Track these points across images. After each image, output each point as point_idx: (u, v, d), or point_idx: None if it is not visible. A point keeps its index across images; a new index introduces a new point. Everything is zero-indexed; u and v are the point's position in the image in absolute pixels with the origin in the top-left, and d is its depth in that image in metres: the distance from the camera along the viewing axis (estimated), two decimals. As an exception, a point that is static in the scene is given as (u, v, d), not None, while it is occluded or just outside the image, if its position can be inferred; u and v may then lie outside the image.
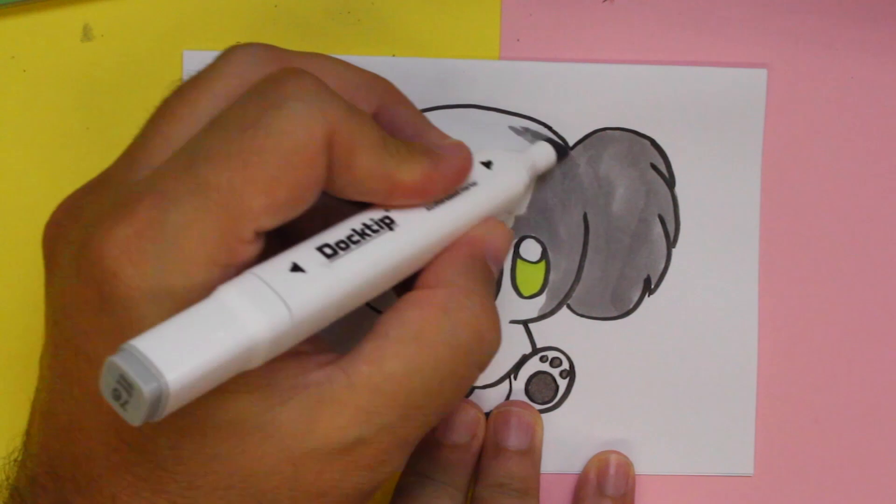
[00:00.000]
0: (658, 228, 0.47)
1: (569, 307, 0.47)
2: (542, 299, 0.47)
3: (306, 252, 0.33)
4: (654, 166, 0.47)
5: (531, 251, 0.47)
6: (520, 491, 0.45)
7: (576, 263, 0.47)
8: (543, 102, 0.47)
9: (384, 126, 0.37)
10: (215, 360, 0.29)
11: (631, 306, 0.47)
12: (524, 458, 0.46)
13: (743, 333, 0.47)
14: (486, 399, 0.47)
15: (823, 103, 0.48)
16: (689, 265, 0.47)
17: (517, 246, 0.47)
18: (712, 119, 0.47)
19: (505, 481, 0.46)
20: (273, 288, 0.31)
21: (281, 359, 0.33)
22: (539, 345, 0.47)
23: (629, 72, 0.47)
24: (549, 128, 0.47)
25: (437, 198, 0.37)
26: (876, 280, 0.48)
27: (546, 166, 0.45)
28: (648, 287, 0.47)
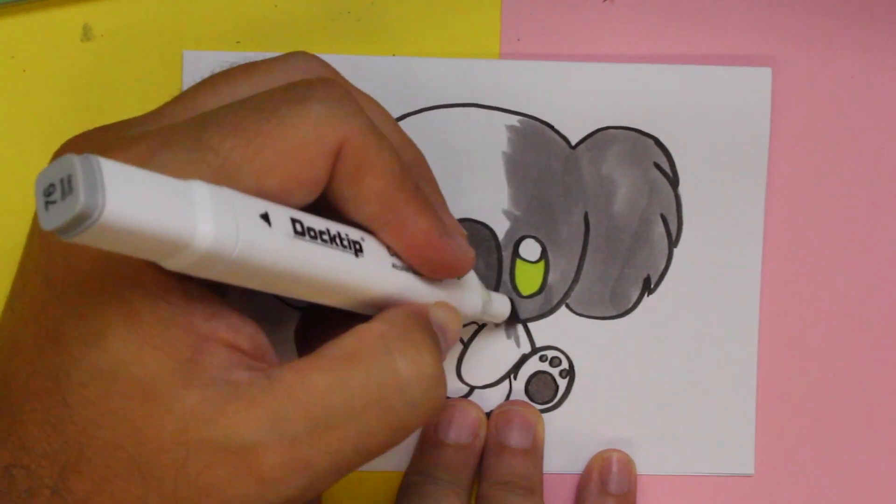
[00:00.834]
0: (660, 228, 0.47)
1: (568, 307, 0.47)
2: (542, 299, 0.47)
3: (281, 214, 0.33)
4: (658, 165, 0.47)
5: (531, 251, 0.47)
6: (525, 489, 0.45)
7: (575, 263, 0.47)
8: (544, 102, 0.47)
9: None
10: (151, 226, 0.28)
11: (630, 306, 0.47)
12: (527, 457, 0.46)
13: (743, 333, 0.47)
14: (487, 399, 0.47)
15: (828, 102, 0.47)
16: (691, 265, 0.47)
17: (517, 245, 0.47)
18: (716, 118, 0.47)
19: (510, 479, 0.46)
20: (238, 215, 0.31)
21: (215, 342, 0.32)
22: (539, 344, 0.47)
23: (632, 70, 0.47)
24: (552, 127, 0.47)
25: (422, 266, 0.37)
26: (878, 280, 0.48)
27: (495, 318, 0.45)
28: (648, 287, 0.47)
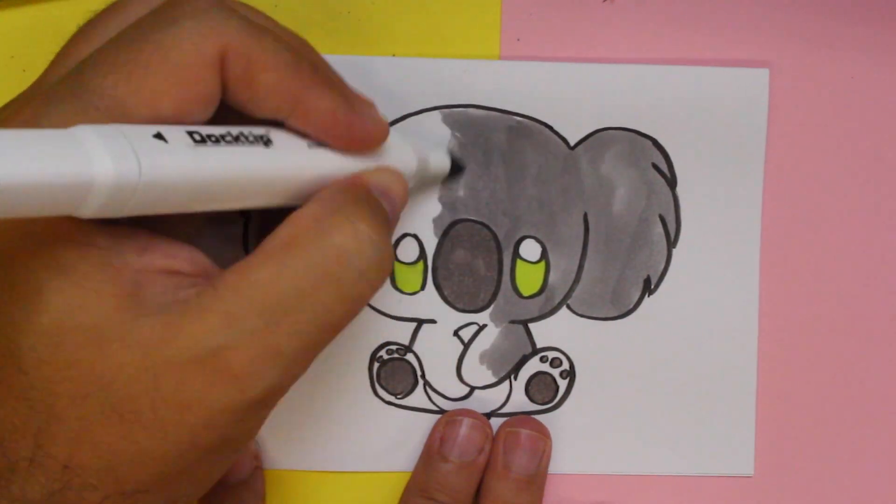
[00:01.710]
0: (659, 228, 0.47)
1: (569, 307, 0.47)
2: (542, 299, 0.47)
3: (175, 130, 0.32)
4: (656, 166, 0.47)
5: (531, 251, 0.47)
6: None
7: (576, 263, 0.47)
8: (544, 102, 0.47)
9: None
10: (46, 180, 0.28)
11: (631, 306, 0.47)
12: (531, 484, 0.46)
13: (743, 333, 0.47)
14: (487, 400, 0.47)
15: (825, 103, 0.47)
16: (690, 265, 0.47)
17: (517, 246, 0.47)
18: (714, 119, 0.47)
19: None
20: (131, 142, 0.30)
21: (154, 273, 0.33)
22: (539, 345, 0.47)
23: (630, 71, 0.47)
24: (550, 127, 0.47)
25: (336, 143, 0.37)
26: (877, 280, 0.48)
27: (436, 175, 0.45)
28: (648, 287, 0.47)
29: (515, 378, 0.47)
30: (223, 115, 0.35)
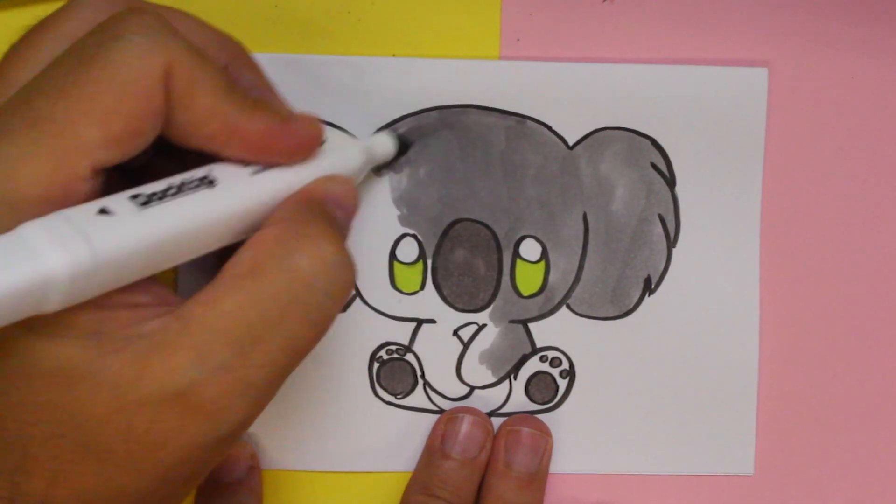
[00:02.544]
0: (658, 228, 0.47)
1: (568, 307, 0.47)
2: (542, 299, 0.47)
3: (117, 199, 0.32)
4: (655, 166, 0.47)
5: (531, 251, 0.47)
6: None
7: (575, 263, 0.47)
8: (543, 102, 0.47)
9: None
10: (1, 292, 0.28)
11: (631, 306, 0.47)
12: (532, 483, 0.46)
13: (744, 333, 0.47)
14: (487, 399, 0.47)
15: (824, 102, 0.48)
16: (690, 265, 0.47)
17: (517, 245, 0.47)
18: (713, 118, 0.47)
19: None
20: (77, 226, 0.30)
21: (115, 309, 0.32)
22: (539, 345, 0.47)
23: (629, 71, 0.47)
24: (549, 127, 0.47)
25: (279, 160, 0.37)
26: (877, 280, 0.48)
27: (384, 157, 0.45)
28: (648, 287, 0.47)
29: (515, 378, 0.47)
30: (160, 163, 0.35)
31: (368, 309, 0.47)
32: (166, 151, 0.37)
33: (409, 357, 0.47)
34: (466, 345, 0.47)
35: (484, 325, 0.47)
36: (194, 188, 0.34)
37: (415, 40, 0.47)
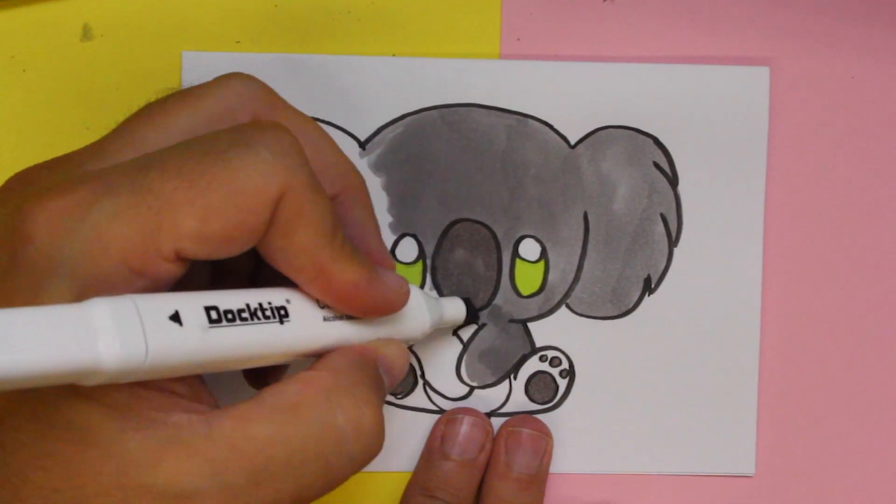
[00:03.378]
0: (660, 227, 0.47)
1: (568, 307, 0.47)
2: (542, 299, 0.47)
3: (193, 306, 0.32)
4: (657, 164, 0.47)
5: (530, 251, 0.47)
6: None
7: (575, 263, 0.47)
8: (544, 101, 0.47)
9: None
10: (50, 363, 0.28)
11: (631, 306, 0.47)
12: (532, 484, 0.46)
13: (745, 332, 0.47)
14: (487, 399, 0.47)
15: (826, 101, 0.47)
16: (691, 264, 0.47)
17: (516, 245, 0.47)
18: (715, 117, 0.47)
19: None
20: (143, 324, 0.30)
21: (149, 389, 0.32)
22: (539, 344, 0.47)
23: (631, 70, 0.47)
24: (550, 126, 0.47)
25: (355, 313, 0.37)
26: (878, 279, 0.48)
27: (453, 322, 0.45)
28: (648, 286, 0.47)
29: (515, 378, 0.47)
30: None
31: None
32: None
33: (409, 357, 0.47)
34: (466, 345, 0.47)
35: (484, 325, 0.47)
36: (266, 319, 0.34)
37: (415, 40, 0.47)
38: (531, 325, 0.47)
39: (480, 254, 0.47)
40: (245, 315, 0.34)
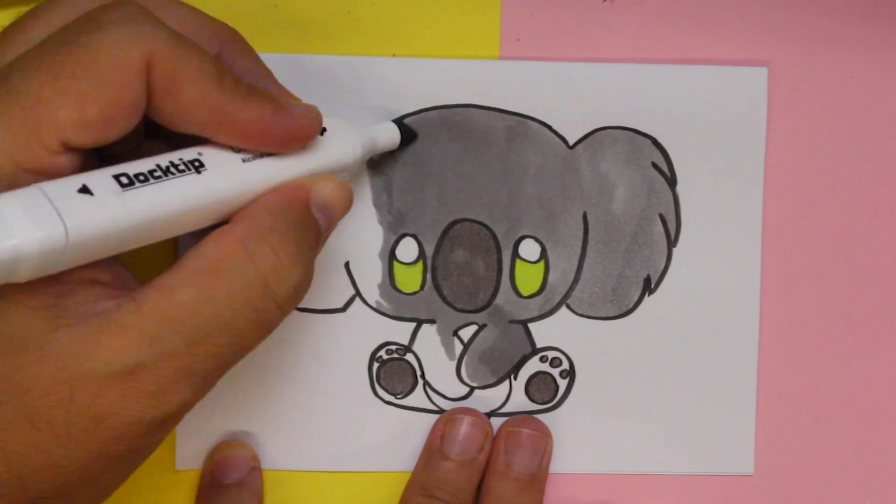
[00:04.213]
0: (659, 228, 0.47)
1: (568, 307, 0.47)
2: (542, 299, 0.47)
3: (100, 177, 0.32)
4: (656, 165, 0.47)
5: (530, 251, 0.47)
6: None
7: (575, 263, 0.47)
8: (544, 102, 0.47)
9: None
10: None
11: (631, 306, 0.47)
12: (531, 484, 0.46)
13: (744, 332, 0.47)
14: (487, 399, 0.47)
15: (825, 101, 0.47)
16: (691, 265, 0.47)
17: (516, 245, 0.47)
18: (714, 117, 0.47)
19: None
20: (54, 204, 0.30)
21: (73, 284, 0.33)
22: (539, 345, 0.47)
23: (630, 71, 0.47)
24: (549, 127, 0.47)
25: (271, 149, 0.37)
26: (878, 279, 0.48)
27: (387, 146, 0.45)
28: (648, 287, 0.47)
29: (515, 378, 0.47)
30: (153, 147, 0.35)
31: (368, 309, 0.47)
32: (160, 135, 0.37)
33: (409, 357, 0.47)
34: (466, 345, 0.47)
35: (484, 325, 0.47)
36: (181, 172, 0.34)
37: (415, 40, 0.47)
38: (531, 326, 0.47)
39: (480, 254, 0.47)
40: (158, 174, 0.33)
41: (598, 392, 0.47)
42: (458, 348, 0.47)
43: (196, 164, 0.35)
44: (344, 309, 0.47)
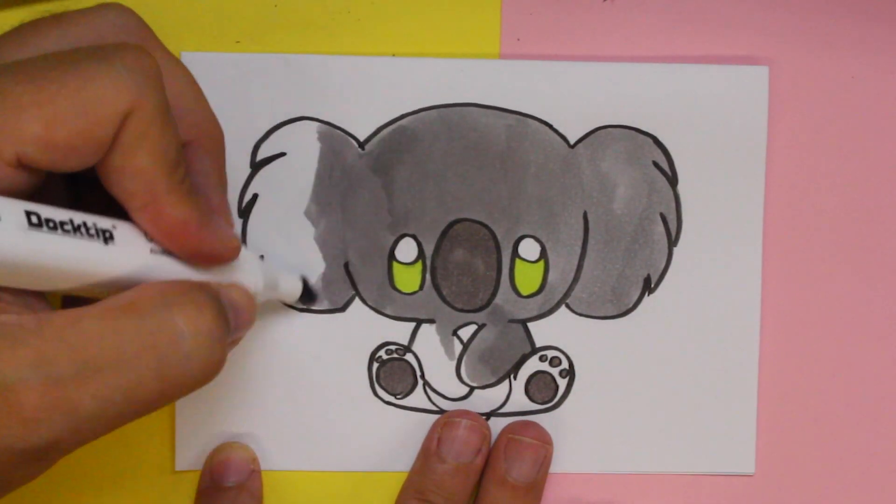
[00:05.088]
0: (660, 227, 0.47)
1: (568, 307, 0.47)
2: (541, 299, 0.47)
3: (13, 207, 0.32)
4: (657, 164, 0.47)
5: (530, 250, 0.47)
6: None
7: (575, 262, 0.47)
8: (544, 101, 0.47)
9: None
10: None
11: (630, 305, 0.47)
12: (529, 492, 0.46)
13: (745, 332, 0.47)
14: (487, 399, 0.47)
15: (825, 101, 0.47)
16: (691, 264, 0.47)
17: (516, 245, 0.47)
18: (714, 116, 0.47)
19: None
20: None
21: None
22: (538, 344, 0.47)
23: (630, 70, 0.47)
24: (550, 126, 0.47)
25: (181, 254, 0.36)
26: (878, 279, 0.48)
27: (286, 297, 0.45)
28: (648, 286, 0.47)
29: (515, 378, 0.47)
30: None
31: (368, 309, 0.47)
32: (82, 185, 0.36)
33: (409, 357, 0.47)
34: (466, 345, 0.47)
35: (483, 325, 0.47)
36: (90, 237, 0.34)
37: (415, 40, 0.47)
38: (531, 325, 0.47)
39: (480, 254, 0.47)
40: (68, 228, 0.33)
41: (598, 392, 0.47)
42: (458, 348, 0.47)
43: (106, 235, 0.34)
44: (343, 309, 0.47)
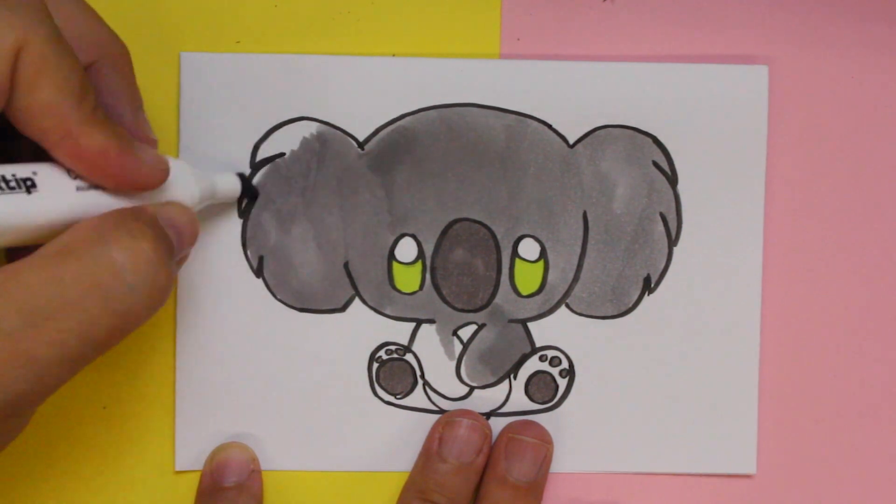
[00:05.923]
0: (660, 227, 0.47)
1: (568, 306, 0.47)
2: (541, 298, 0.47)
3: None
4: (656, 164, 0.47)
5: (530, 250, 0.47)
6: None
7: (575, 262, 0.47)
8: (544, 101, 0.47)
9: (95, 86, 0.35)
10: None
11: (630, 305, 0.47)
12: (529, 491, 0.46)
13: (745, 331, 0.47)
14: (487, 399, 0.47)
15: (825, 100, 0.47)
16: (691, 264, 0.47)
17: (516, 245, 0.47)
18: (715, 116, 0.47)
19: None
20: None
21: None
22: (538, 344, 0.47)
23: (630, 69, 0.47)
24: (550, 126, 0.47)
25: (106, 185, 0.36)
26: (879, 279, 0.48)
27: (226, 197, 0.44)
28: (648, 286, 0.47)
29: (515, 377, 0.47)
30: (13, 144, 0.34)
31: (368, 309, 0.47)
32: (5, 136, 0.36)
33: (409, 357, 0.47)
34: (466, 345, 0.47)
35: (483, 325, 0.47)
36: (11, 189, 0.33)
37: (415, 40, 0.47)
38: (531, 325, 0.47)
39: (480, 254, 0.47)
40: None
41: (598, 391, 0.47)
42: (458, 348, 0.47)
43: (28, 184, 0.34)
44: (343, 309, 0.47)
